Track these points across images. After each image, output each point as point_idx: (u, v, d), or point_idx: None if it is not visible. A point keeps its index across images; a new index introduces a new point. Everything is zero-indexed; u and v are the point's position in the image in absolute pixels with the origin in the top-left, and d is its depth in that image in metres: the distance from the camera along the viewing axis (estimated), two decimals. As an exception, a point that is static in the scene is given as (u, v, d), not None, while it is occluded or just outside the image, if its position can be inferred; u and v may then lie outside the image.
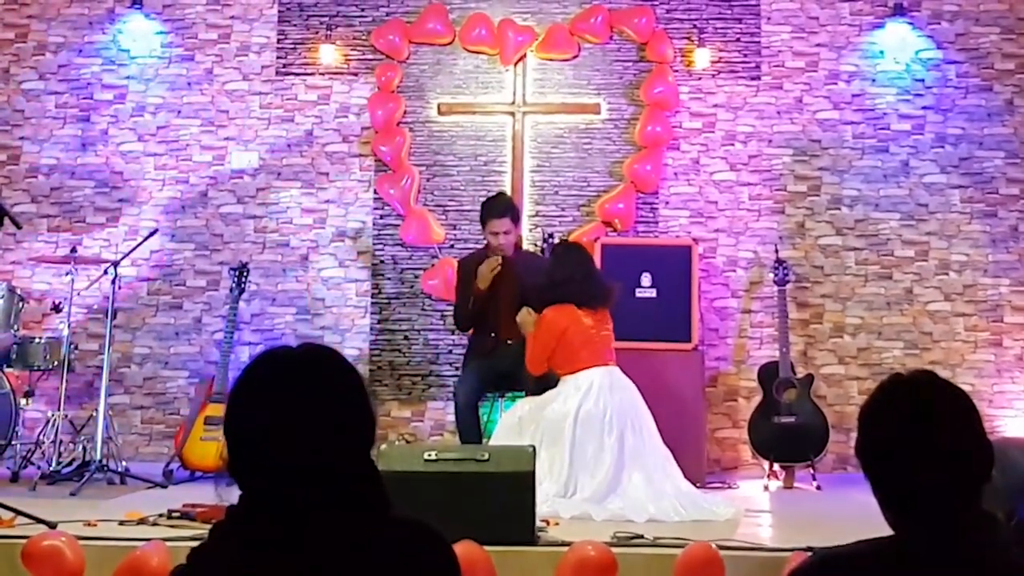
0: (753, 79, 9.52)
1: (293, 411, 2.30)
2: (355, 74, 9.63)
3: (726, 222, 9.40)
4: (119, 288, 8.30)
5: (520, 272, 7.82)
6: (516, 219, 7.97)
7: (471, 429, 7.69)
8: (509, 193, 8.90)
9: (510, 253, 7.93)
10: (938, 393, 2.53)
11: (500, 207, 7.97)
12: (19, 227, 7.06)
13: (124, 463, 7.95)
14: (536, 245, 9.06)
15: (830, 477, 8.59)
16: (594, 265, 7.68)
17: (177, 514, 6.11)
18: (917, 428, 2.46)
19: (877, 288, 9.32)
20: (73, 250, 8.63)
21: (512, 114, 9.48)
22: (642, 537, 5.72)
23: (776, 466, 8.42)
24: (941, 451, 2.44)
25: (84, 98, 9.69)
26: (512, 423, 7.13)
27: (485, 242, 8.12)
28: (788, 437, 8.38)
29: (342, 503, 2.30)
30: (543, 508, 6.18)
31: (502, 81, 9.57)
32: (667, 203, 9.44)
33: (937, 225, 9.33)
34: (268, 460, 2.29)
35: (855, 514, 3.79)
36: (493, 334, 7.92)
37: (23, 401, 8.24)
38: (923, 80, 9.46)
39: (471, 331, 8.20)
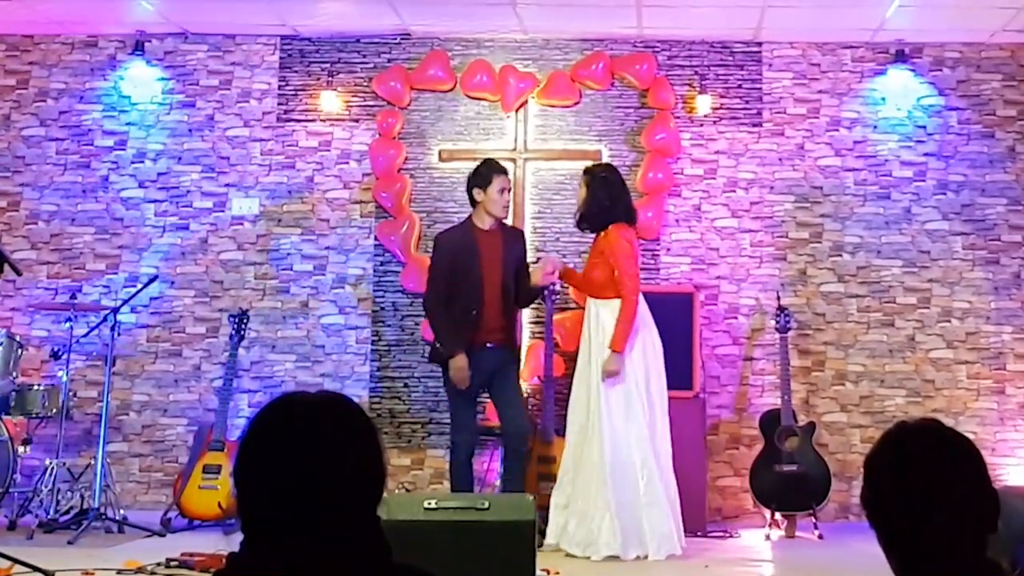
0: (755, 126, 9.52)
1: (310, 459, 2.25)
2: (356, 120, 9.64)
3: (728, 269, 9.38)
4: (118, 335, 8.32)
5: (507, 245, 7.79)
6: None
7: (464, 480, 7.56)
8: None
9: (506, 215, 8.01)
10: (944, 441, 2.50)
11: (500, 164, 8.00)
12: (19, 274, 7.02)
13: (122, 511, 7.93)
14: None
15: (832, 526, 8.55)
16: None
17: (175, 563, 6.12)
18: (923, 477, 2.43)
19: (879, 335, 9.29)
20: (73, 297, 8.64)
21: (513, 160, 9.44)
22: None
23: (778, 515, 8.37)
24: (947, 500, 2.41)
25: (85, 144, 9.68)
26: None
27: (467, 215, 7.96)
28: (790, 486, 8.32)
29: (344, 551, 2.26)
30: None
31: (503, 127, 9.56)
32: (668, 250, 9.43)
33: (939, 272, 9.31)
34: (281, 507, 2.24)
35: (857, 563, 3.77)
36: (475, 311, 7.64)
37: (21, 449, 8.20)
38: (925, 127, 9.46)
39: (450, 356, 7.62)
